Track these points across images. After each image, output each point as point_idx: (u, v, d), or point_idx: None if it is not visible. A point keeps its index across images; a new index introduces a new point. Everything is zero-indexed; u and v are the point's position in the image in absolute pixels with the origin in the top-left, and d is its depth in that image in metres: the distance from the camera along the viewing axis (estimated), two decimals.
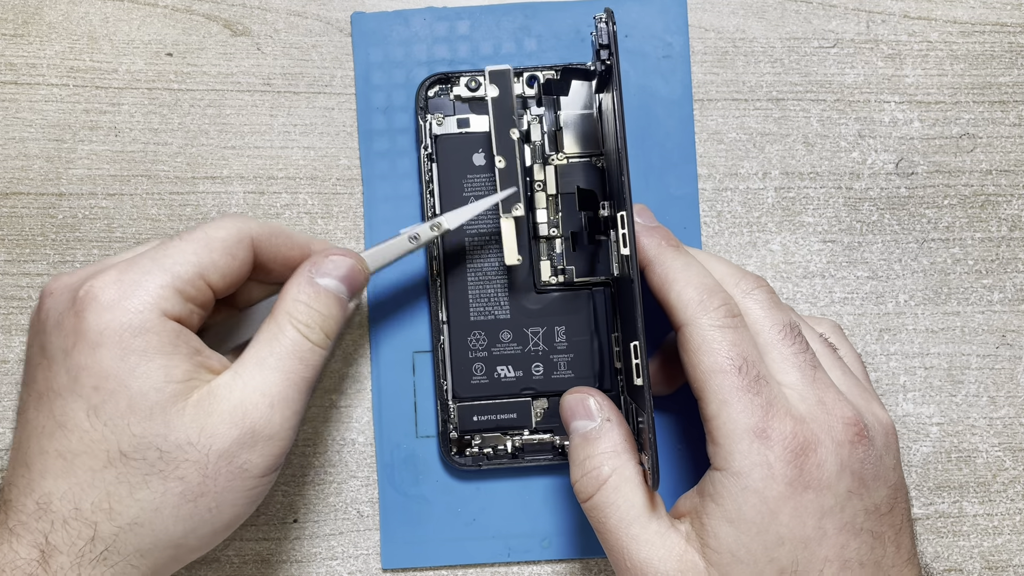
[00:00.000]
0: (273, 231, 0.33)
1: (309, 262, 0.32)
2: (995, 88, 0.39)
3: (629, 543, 0.30)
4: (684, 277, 0.31)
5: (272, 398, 0.30)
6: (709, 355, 0.30)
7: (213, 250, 0.31)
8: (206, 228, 0.31)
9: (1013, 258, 0.39)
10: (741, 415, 0.29)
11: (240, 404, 0.30)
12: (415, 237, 0.34)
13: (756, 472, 0.29)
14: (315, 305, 0.32)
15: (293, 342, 0.31)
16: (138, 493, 0.29)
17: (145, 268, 0.30)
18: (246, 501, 0.30)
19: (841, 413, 0.30)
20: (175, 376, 0.29)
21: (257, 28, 0.39)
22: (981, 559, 0.38)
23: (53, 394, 0.29)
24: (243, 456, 0.30)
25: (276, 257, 0.33)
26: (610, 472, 0.31)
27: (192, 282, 0.30)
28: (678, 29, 0.39)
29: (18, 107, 0.38)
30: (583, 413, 0.32)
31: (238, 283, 0.32)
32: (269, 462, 0.30)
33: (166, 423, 0.29)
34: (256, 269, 0.33)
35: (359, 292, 0.34)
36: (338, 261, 0.33)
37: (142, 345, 0.29)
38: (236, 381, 0.30)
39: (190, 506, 0.29)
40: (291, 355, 0.31)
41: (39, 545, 0.28)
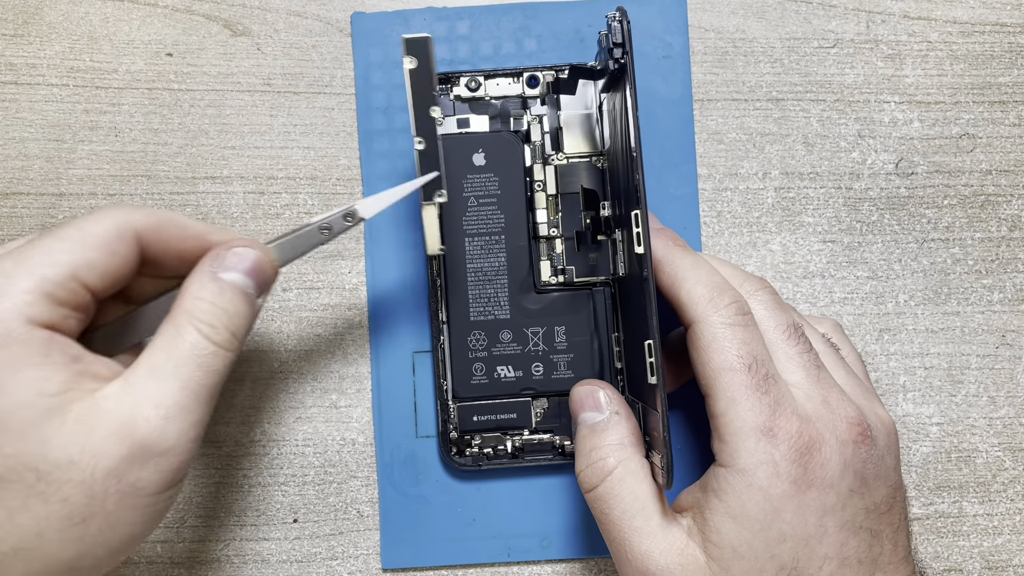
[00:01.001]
0: (162, 221, 0.29)
1: (210, 256, 0.29)
2: (995, 88, 0.39)
3: (631, 535, 0.30)
4: (694, 275, 0.31)
5: (167, 410, 0.27)
6: (719, 353, 0.30)
7: (89, 247, 0.27)
8: (81, 222, 0.28)
9: (1013, 258, 0.39)
10: (749, 413, 0.29)
11: (129, 417, 0.26)
12: (327, 228, 0.32)
13: (761, 470, 0.29)
14: (219, 302, 0.29)
15: (193, 345, 0.28)
16: (17, 518, 0.26)
17: (6, 271, 0.27)
18: (143, 519, 0.27)
19: (845, 413, 0.30)
20: (48, 389, 0.26)
21: (257, 28, 0.39)
22: (981, 559, 0.38)
23: None
24: (134, 474, 0.26)
25: (167, 250, 0.30)
26: (615, 464, 0.31)
27: (64, 284, 0.27)
28: (678, 29, 0.39)
29: (18, 107, 0.38)
30: (592, 405, 0.32)
31: (122, 282, 0.29)
32: (165, 478, 0.27)
33: (42, 441, 0.26)
34: (146, 264, 0.30)
35: (268, 287, 0.31)
36: (243, 253, 0.30)
37: (8, 357, 0.26)
38: (125, 391, 0.27)
39: (78, 529, 0.26)
40: (190, 360, 0.28)
41: None
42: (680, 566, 0.29)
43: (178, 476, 0.28)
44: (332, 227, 0.32)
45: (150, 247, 0.29)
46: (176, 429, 0.27)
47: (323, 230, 0.31)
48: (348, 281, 0.38)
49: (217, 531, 0.38)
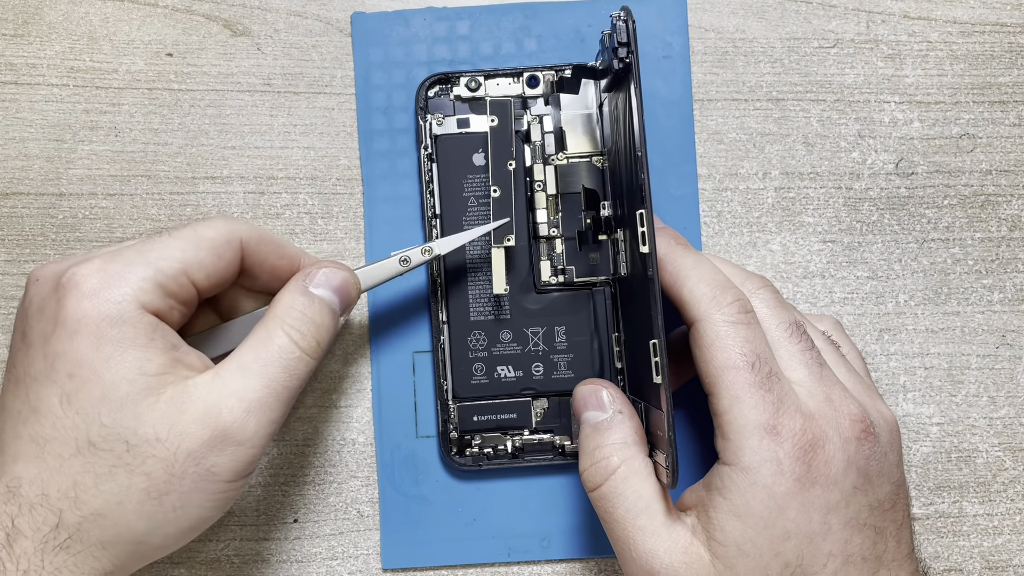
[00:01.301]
0: (263, 237, 0.32)
1: (303, 272, 0.32)
2: (995, 88, 0.39)
3: (635, 534, 0.30)
4: (696, 274, 0.31)
5: (249, 403, 0.29)
6: (722, 351, 0.30)
7: (200, 248, 0.31)
8: (196, 226, 0.31)
9: (1013, 258, 0.39)
10: (753, 411, 0.29)
11: (215, 406, 0.29)
12: (406, 260, 0.34)
13: (765, 468, 0.29)
14: (308, 312, 0.31)
15: (281, 349, 0.30)
16: (103, 484, 0.28)
17: (129, 260, 0.30)
18: (213, 504, 0.30)
19: (848, 410, 0.30)
20: (148, 369, 0.29)
21: (257, 28, 0.39)
22: (981, 559, 0.38)
23: (30, 379, 0.29)
24: (211, 459, 0.29)
25: (264, 263, 0.33)
26: (619, 463, 0.31)
27: (175, 278, 0.30)
28: (678, 29, 0.39)
29: (18, 107, 0.38)
30: (595, 404, 0.32)
31: (223, 284, 0.32)
32: (238, 467, 0.30)
33: (136, 416, 0.28)
34: (242, 274, 0.33)
35: (350, 307, 0.34)
36: (333, 273, 0.32)
37: (118, 335, 0.29)
38: (214, 382, 0.29)
39: (154, 503, 0.29)
40: (277, 362, 0.30)
41: (5, 528, 0.28)
42: (685, 564, 0.29)
43: (250, 467, 0.30)
44: (410, 259, 0.35)
45: (249, 257, 0.32)
46: (255, 422, 0.29)
47: (402, 261, 0.34)
48: None
49: (217, 531, 0.38)
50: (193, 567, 0.37)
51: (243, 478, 0.30)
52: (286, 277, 0.33)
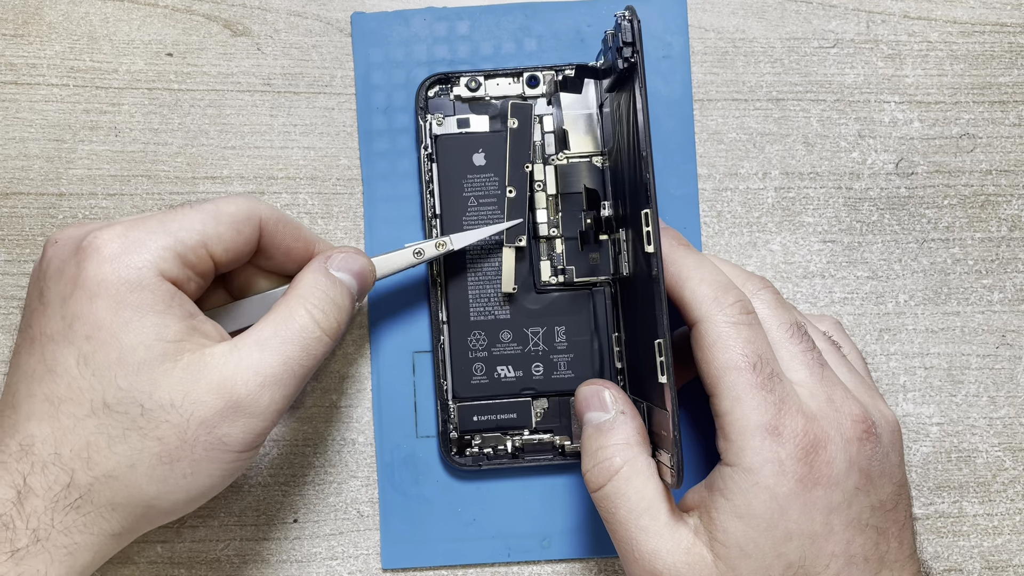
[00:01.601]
0: (282, 219, 0.33)
1: (323, 254, 0.33)
2: (995, 88, 0.39)
3: (638, 534, 0.30)
4: (698, 275, 0.31)
5: (265, 378, 0.30)
6: (724, 351, 0.30)
7: (220, 222, 0.31)
8: (218, 201, 0.32)
9: (1013, 258, 0.39)
10: (754, 412, 0.29)
11: (230, 377, 0.29)
12: (419, 252, 0.35)
13: (767, 468, 0.29)
14: (331, 293, 0.32)
15: (302, 327, 0.31)
16: (116, 446, 0.29)
17: (150, 228, 0.30)
18: (222, 473, 0.30)
19: (849, 410, 0.30)
20: (166, 335, 0.29)
21: (257, 28, 0.39)
22: (981, 559, 0.38)
23: (46, 339, 0.29)
24: (223, 428, 0.29)
25: (280, 244, 0.33)
26: (622, 463, 0.31)
27: (194, 249, 0.30)
28: (678, 29, 0.39)
29: (18, 107, 0.38)
30: (597, 405, 0.32)
31: (239, 260, 0.33)
32: (249, 438, 0.30)
33: (152, 380, 0.29)
34: (258, 253, 0.33)
35: (365, 293, 0.34)
36: (352, 258, 0.33)
37: (137, 300, 0.29)
38: (232, 354, 0.30)
39: (165, 468, 0.29)
40: (296, 340, 0.31)
41: (16, 486, 0.28)
42: (687, 565, 0.29)
43: (259, 439, 0.31)
44: (424, 251, 0.35)
45: (267, 237, 0.33)
46: (269, 396, 0.30)
47: (416, 253, 0.35)
48: None
49: (217, 531, 0.38)
50: (193, 567, 0.37)
51: (253, 449, 0.31)
52: (300, 260, 0.33)
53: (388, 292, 0.38)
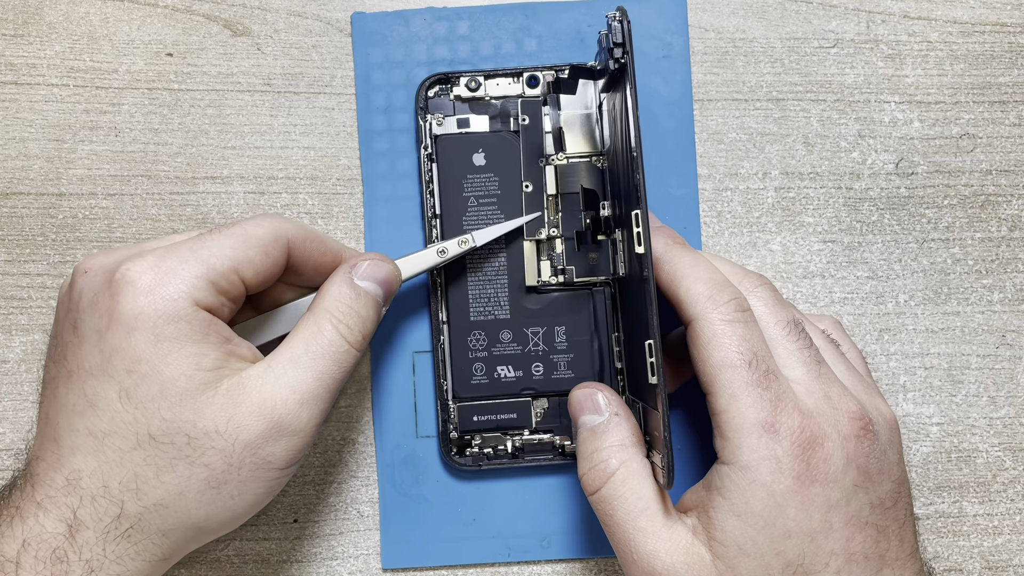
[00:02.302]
0: (308, 235, 0.33)
1: (348, 264, 0.33)
2: (995, 88, 0.39)
3: (636, 535, 0.30)
4: (693, 273, 0.31)
5: (302, 395, 0.30)
6: (719, 349, 0.30)
7: (250, 247, 0.31)
8: (245, 225, 0.32)
9: (1013, 258, 0.39)
10: (750, 410, 0.29)
11: (270, 398, 0.30)
12: (443, 251, 0.35)
13: (764, 466, 0.29)
14: (355, 306, 0.32)
15: (331, 342, 0.31)
16: (164, 476, 0.29)
17: (183, 257, 0.30)
18: (266, 491, 0.31)
19: (846, 408, 0.30)
20: (205, 364, 0.30)
21: (257, 28, 0.39)
22: (981, 559, 0.38)
23: (85, 373, 0.30)
24: (267, 448, 0.30)
25: (308, 260, 0.33)
26: (617, 465, 0.31)
27: (226, 275, 0.31)
28: (678, 29, 0.39)
29: (18, 107, 0.38)
30: (591, 407, 0.32)
31: (270, 281, 0.33)
32: (291, 456, 0.31)
33: (195, 410, 0.29)
34: (287, 271, 0.33)
35: (391, 297, 0.34)
36: (377, 265, 0.33)
37: (175, 332, 0.29)
38: (268, 375, 0.30)
39: (213, 492, 0.30)
40: (327, 355, 0.31)
41: (67, 520, 0.29)
42: (686, 565, 0.29)
43: (301, 455, 0.31)
44: (447, 250, 0.35)
45: (294, 255, 0.33)
46: (308, 413, 0.30)
47: (440, 252, 0.35)
48: None
49: None
50: (193, 567, 0.37)
51: (295, 464, 0.31)
52: (328, 272, 0.34)
53: None
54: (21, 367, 0.38)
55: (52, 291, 0.38)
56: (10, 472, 0.38)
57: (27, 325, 0.38)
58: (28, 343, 0.38)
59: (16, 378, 0.38)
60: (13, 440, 0.38)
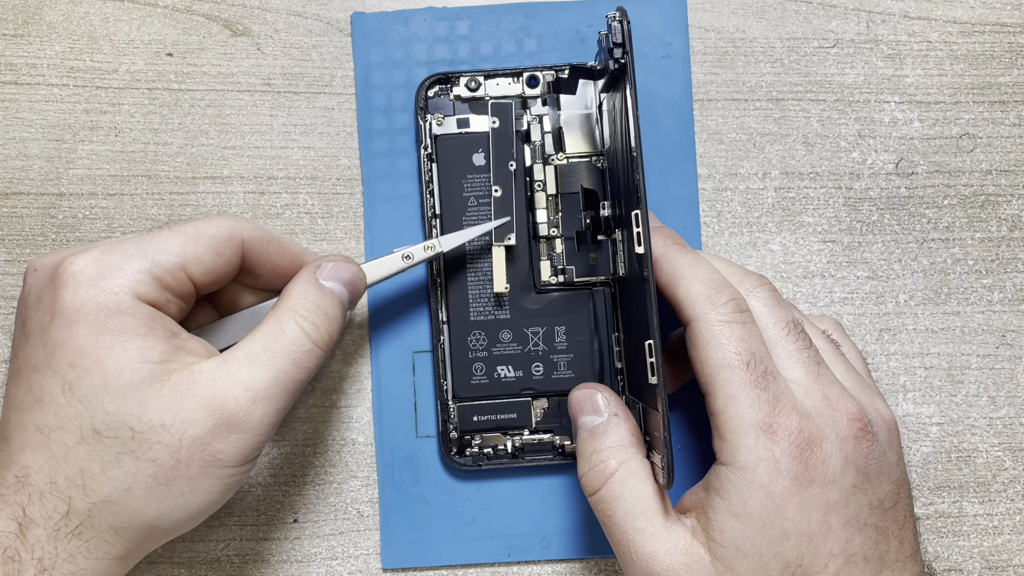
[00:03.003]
0: (266, 236, 0.33)
1: (312, 265, 0.33)
2: (995, 88, 0.39)
3: (635, 536, 0.30)
4: (692, 273, 0.31)
5: (256, 393, 0.30)
6: (717, 350, 0.30)
7: (199, 244, 0.31)
8: (197, 222, 0.31)
9: (1013, 258, 0.39)
10: (748, 410, 0.29)
11: (220, 393, 0.29)
12: (408, 256, 0.35)
13: (762, 467, 0.29)
14: (321, 304, 0.32)
15: (292, 340, 0.31)
16: (110, 471, 0.29)
17: (127, 251, 0.30)
18: (220, 488, 0.30)
19: (845, 408, 0.30)
20: (151, 357, 0.29)
21: (257, 28, 0.39)
22: (981, 559, 0.38)
23: (31, 368, 0.29)
24: (216, 445, 0.29)
25: (266, 263, 0.33)
26: (617, 466, 0.31)
27: (172, 272, 0.30)
28: (678, 29, 0.39)
29: (18, 107, 0.38)
30: (591, 408, 0.32)
31: (222, 281, 0.32)
32: (243, 453, 0.30)
33: (140, 403, 0.29)
34: (244, 272, 0.33)
35: (356, 301, 0.34)
36: (342, 266, 0.33)
37: (117, 325, 0.29)
38: (220, 370, 0.30)
39: (162, 489, 0.29)
40: (287, 354, 0.30)
41: (17, 518, 0.28)
42: (685, 566, 0.29)
43: (254, 453, 0.30)
44: (413, 255, 0.35)
45: (251, 256, 0.32)
46: (261, 411, 0.30)
47: (405, 257, 0.35)
48: None
49: (217, 531, 0.38)
50: (193, 567, 0.37)
51: (248, 463, 0.31)
52: (287, 275, 0.33)
53: (388, 292, 0.38)
54: None
55: None
56: None
57: None
58: None
59: None
60: None
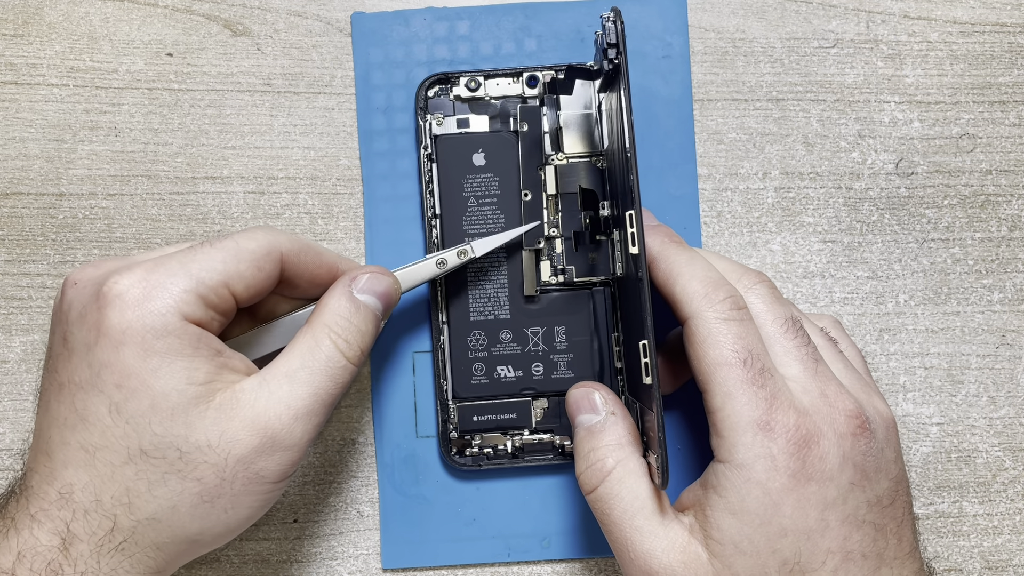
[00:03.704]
0: (303, 248, 0.33)
1: (348, 276, 0.33)
2: (995, 88, 0.39)
3: (633, 534, 0.30)
4: (689, 271, 0.31)
5: (297, 411, 0.30)
6: (714, 348, 0.30)
7: (241, 261, 0.31)
8: (237, 238, 0.31)
9: (1013, 258, 0.39)
10: (745, 408, 0.29)
11: (264, 413, 0.30)
12: (442, 262, 0.35)
13: (759, 464, 0.29)
14: (355, 320, 0.32)
15: (328, 358, 0.31)
16: (156, 490, 0.29)
17: (172, 270, 0.30)
18: (260, 504, 0.31)
19: (843, 406, 0.30)
20: (197, 378, 0.29)
21: (257, 28, 0.39)
22: (981, 559, 0.38)
23: (75, 387, 0.29)
24: (260, 463, 0.30)
25: (303, 273, 0.33)
26: (614, 464, 0.31)
27: (216, 290, 0.30)
28: (678, 29, 0.39)
29: (18, 107, 0.38)
30: (588, 407, 0.32)
31: (262, 295, 0.32)
32: (284, 470, 0.30)
33: (187, 424, 0.29)
34: (281, 284, 0.33)
35: (391, 311, 0.34)
36: (377, 279, 0.33)
37: (164, 347, 0.29)
38: (262, 389, 0.30)
39: (206, 506, 0.29)
40: (323, 371, 0.31)
41: (60, 533, 0.29)
42: (683, 564, 0.29)
43: (293, 469, 0.31)
44: (446, 260, 0.35)
45: (289, 268, 0.32)
46: (302, 429, 0.30)
47: (439, 264, 0.35)
48: None
49: None
50: (193, 567, 0.37)
51: (288, 478, 0.31)
52: (325, 284, 0.33)
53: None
54: (21, 367, 0.38)
55: (52, 291, 0.38)
56: (10, 472, 0.38)
57: (27, 325, 0.38)
58: (28, 343, 0.38)
59: (16, 378, 0.38)
60: (13, 440, 0.38)
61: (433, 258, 0.35)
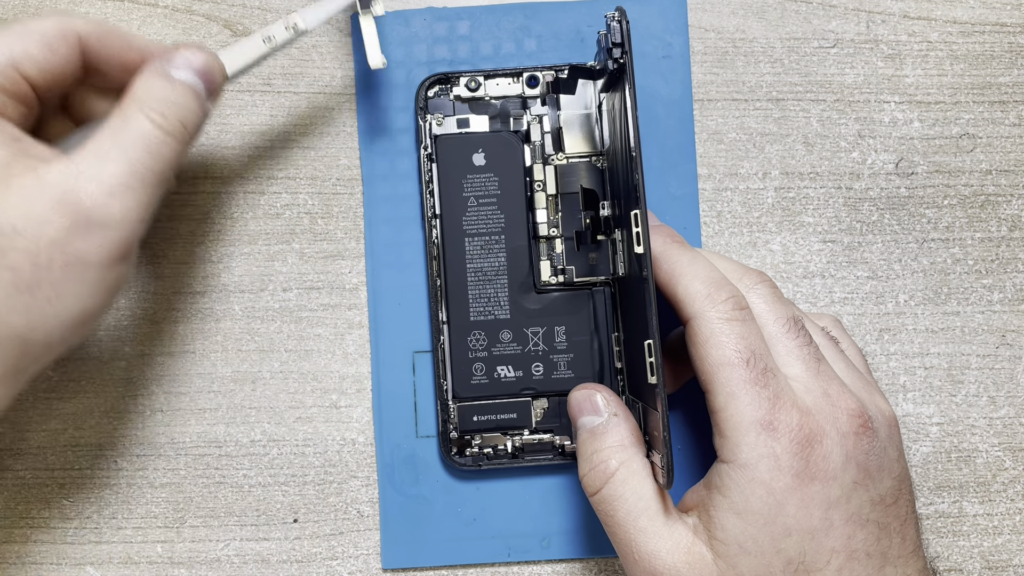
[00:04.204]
0: (106, 30, 0.31)
1: (159, 56, 0.31)
2: (995, 88, 0.39)
3: (637, 535, 0.30)
4: (691, 271, 0.31)
5: (111, 187, 0.28)
6: (717, 348, 0.30)
7: (29, 41, 0.29)
8: (24, 20, 0.30)
9: (1013, 258, 0.39)
10: (748, 407, 0.29)
11: (72, 190, 0.28)
12: (269, 38, 0.33)
13: (763, 464, 0.29)
14: (171, 96, 0.30)
15: (141, 130, 0.29)
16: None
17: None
18: (90, 293, 0.29)
19: (845, 405, 0.30)
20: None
21: (257, 28, 0.39)
22: (981, 559, 0.38)
23: None
24: (77, 244, 0.28)
25: (111, 59, 0.31)
26: (617, 466, 0.31)
27: (4, 72, 0.29)
28: (678, 29, 0.39)
29: None
30: (590, 409, 0.32)
31: (64, 80, 0.30)
32: (109, 251, 0.28)
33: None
34: (89, 72, 0.31)
35: (217, 93, 0.32)
36: (193, 54, 0.31)
37: None
38: (69, 169, 0.28)
39: (25, 297, 0.28)
40: (137, 144, 0.29)
41: None
42: (687, 564, 0.29)
43: (122, 251, 0.29)
44: (274, 36, 0.33)
45: (93, 54, 0.30)
46: (120, 205, 0.28)
47: (266, 40, 0.32)
48: (348, 281, 0.38)
49: (217, 531, 0.38)
50: (193, 567, 0.37)
51: (118, 262, 0.29)
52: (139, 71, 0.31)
53: (388, 292, 0.38)
54: None
55: None
56: (9, 472, 0.38)
57: None
58: None
59: None
60: (12, 440, 0.38)
61: (259, 34, 0.33)
